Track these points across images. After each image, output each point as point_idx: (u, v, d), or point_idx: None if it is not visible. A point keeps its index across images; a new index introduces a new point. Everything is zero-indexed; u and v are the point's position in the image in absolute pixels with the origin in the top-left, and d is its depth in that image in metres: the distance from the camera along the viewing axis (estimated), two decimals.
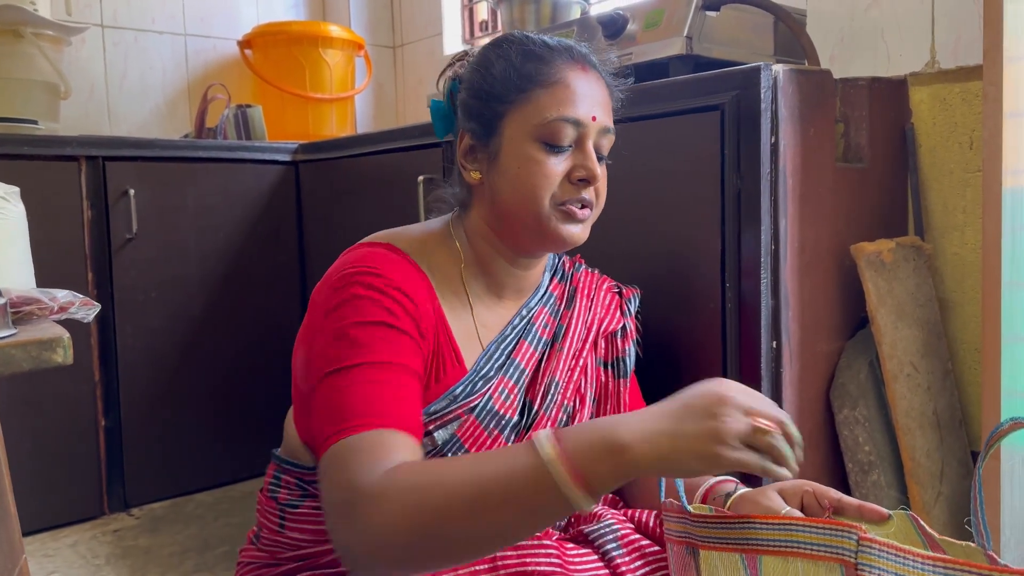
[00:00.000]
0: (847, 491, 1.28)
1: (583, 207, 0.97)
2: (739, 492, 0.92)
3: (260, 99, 2.69)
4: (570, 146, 0.97)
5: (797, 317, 1.24)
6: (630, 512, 1.03)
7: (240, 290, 2.27)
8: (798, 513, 0.84)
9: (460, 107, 1.04)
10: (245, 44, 2.71)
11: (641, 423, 0.71)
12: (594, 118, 0.97)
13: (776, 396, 1.22)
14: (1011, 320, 1.23)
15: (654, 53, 1.50)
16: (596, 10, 2.33)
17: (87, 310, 0.76)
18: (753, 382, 1.20)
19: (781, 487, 0.89)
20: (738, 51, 1.53)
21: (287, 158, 2.33)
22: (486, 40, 2.76)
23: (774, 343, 1.21)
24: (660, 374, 1.31)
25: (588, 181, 0.97)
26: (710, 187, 1.23)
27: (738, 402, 0.70)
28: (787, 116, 1.21)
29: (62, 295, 0.73)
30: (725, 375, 1.23)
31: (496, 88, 0.99)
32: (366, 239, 1.03)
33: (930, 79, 1.45)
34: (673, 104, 1.29)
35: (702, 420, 0.69)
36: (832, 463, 1.33)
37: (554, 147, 0.96)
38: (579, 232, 0.99)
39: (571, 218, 0.97)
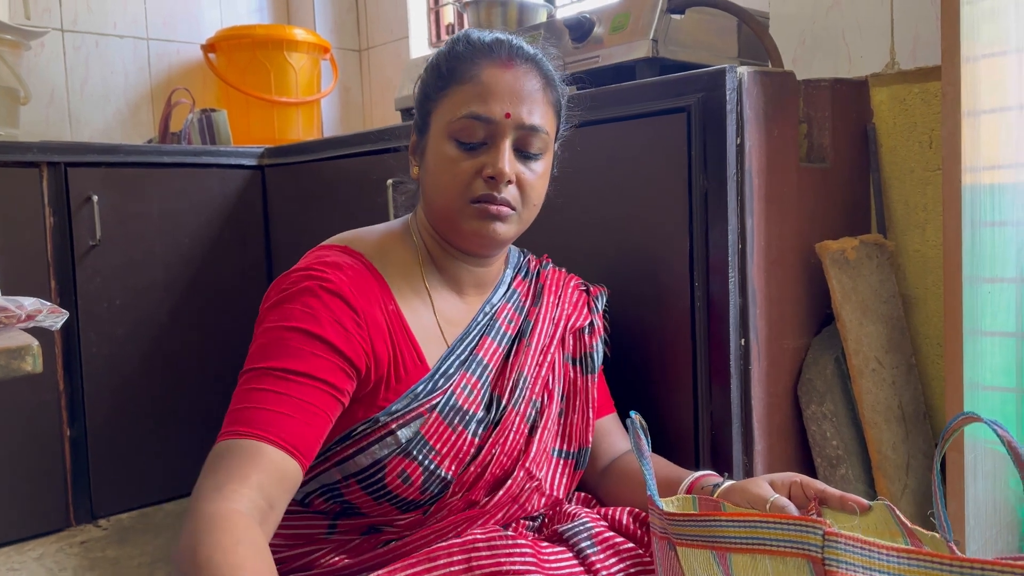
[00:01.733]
0: None
1: (503, 204, 0.97)
2: (727, 484, 0.94)
3: (225, 103, 2.67)
4: (484, 143, 0.97)
5: (764, 314, 1.26)
6: (604, 511, 1.04)
7: (207, 297, 2.24)
8: (787, 502, 0.85)
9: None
10: (209, 48, 2.69)
11: None
12: (508, 115, 0.96)
13: (745, 393, 1.23)
14: (972, 315, 1.25)
15: (621, 56, 1.52)
16: (563, 13, 2.35)
17: (55, 318, 0.75)
18: (722, 379, 1.22)
19: (771, 478, 0.90)
20: (703, 53, 1.55)
21: (253, 162, 2.31)
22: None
23: (742, 340, 1.23)
24: (631, 373, 1.32)
25: (496, 179, 0.96)
26: (678, 188, 1.25)
27: None
28: (752, 117, 1.23)
29: (29, 303, 0.72)
30: (695, 372, 1.24)
31: (427, 86, 1.03)
32: (327, 241, 1.05)
33: (890, 80, 1.48)
34: (640, 106, 1.30)
35: None
36: (800, 458, 1.35)
37: (465, 144, 0.97)
38: (498, 228, 0.98)
39: (486, 215, 0.97)
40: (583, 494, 1.14)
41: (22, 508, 1.97)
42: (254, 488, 0.78)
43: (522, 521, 1.04)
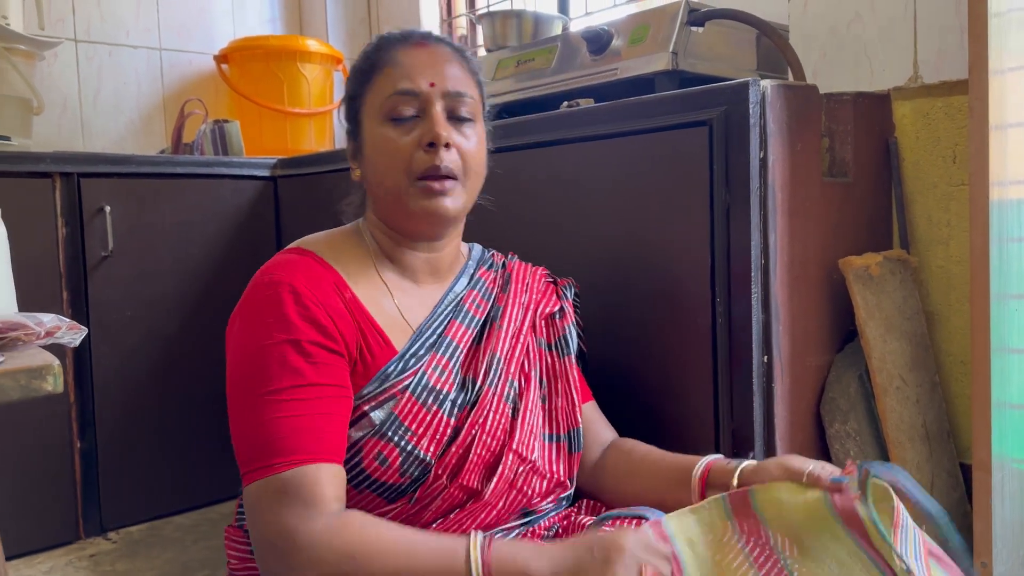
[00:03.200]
0: None
1: (444, 178, 1.00)
2: (744, 466, 0.94)
3: (237, 114, 2.66)
4: (416, 116, 1.01)
5: (787, 331, 1.24)
6: (615, 522, 1.02)
7: (218, 308, 2.21)
8: (829, 468, 0.87)
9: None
10: (222, 59, 2.68)
11: (551, 560, 0.82)
12: (432, 84, 1.01)
13: (767, 411, 1.21)
14: (999, 332, 1.23)
15: (639, 68, 1.50)
16: (577, 26, 2.34)
17: (73, 335, 0.73)
18: (745, 397, 1.20)
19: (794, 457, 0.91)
20: (722, 66, 1.54)
21: (265, 173, 2.30)
22: None
23: (765, 358, 1.21)
24: (650, 390, 1.30)
25: (435, 144, 0.99)
26: (698, 202, 1.23)
27: (633, 552, 0.80)
28: (775, 131, 1.21)
29: (48, 320, 0.71)
30: (716, 390, 1.22)
31: (352, 88, 1.08)
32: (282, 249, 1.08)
33: (913, 93, 1.46)
34: (660, 119, 1.29)
35: (601, 565, 0.80)
36: None
37: (398, 120, 1.01)
38: (446, 204, 1.01)
39: (431, 192, 1.00)
40: (592, 502, 1.13)
41: (32, 520, 1.96)
42: (332, 500, 0.86)
43: (537, 531, 1.03)
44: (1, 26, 2.05)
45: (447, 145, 0.99)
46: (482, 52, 2.20)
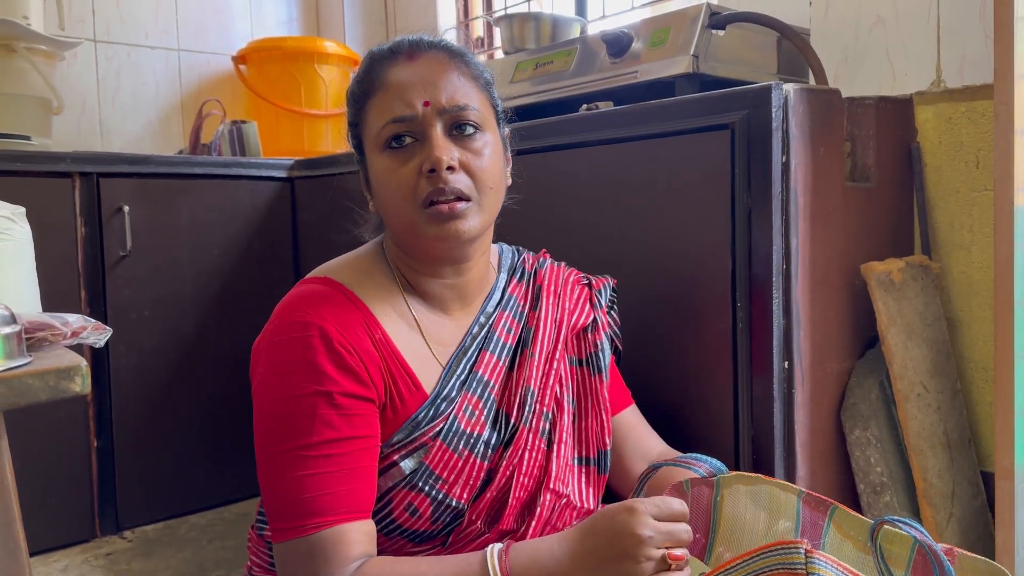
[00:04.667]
0: (859, 512, 1.27)
1: (456, 200, 0.92)
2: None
3: (254, 115, 2.67)
4: (415, 140, 0.94)
5: (808, 337, 1.23)
6: None
7: (235, 308, 2.24)
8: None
9: None
10: (239, 59, 2.69)
11: (572, 564, 0.81)
12: (427, 103, 0.93)
13: (788, 417, 1.20)
14: (1023, 338, 1.22)
15: (659, 72, 1.50)
16: (594, 28, 2.33)
17: (99, 335, 0.74)
18: (765, 403, 1.19)
19: None
20: (742, 69, 1.53)
21: (283, 174, 2.31)
22: (482, 57, 2.75)
23: (786, 363, 1.20)
24: (670, 395, 1.30)
25: (436, 169, 0.91)
26: (719, 205, 1.22)
27: (651, 539, 0.79)
28: (798, 135, 1.20)
29: (74, 320, 0.71)
30: (736, 396, 1.21)
31: (350, 115, 1.01)
32: (308, 275, 1.02)
33: (936, 98, 1.45)
34: (681, 123, 1.28)
35: (621, 561, 0.79)
36: (843, 484, 1.32)
37: (396, 150, 0.94)
38: (459, 227, 0.92)
39: (440, 217, 0.92)
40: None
41: (48, 518, 1.96)
42: (357, 557, 0.86)
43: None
44: (22, 26, 2.06)
45: (450, 168, 0.92)
46: (499, 54, 2.20)
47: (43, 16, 2.20)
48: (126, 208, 2.03)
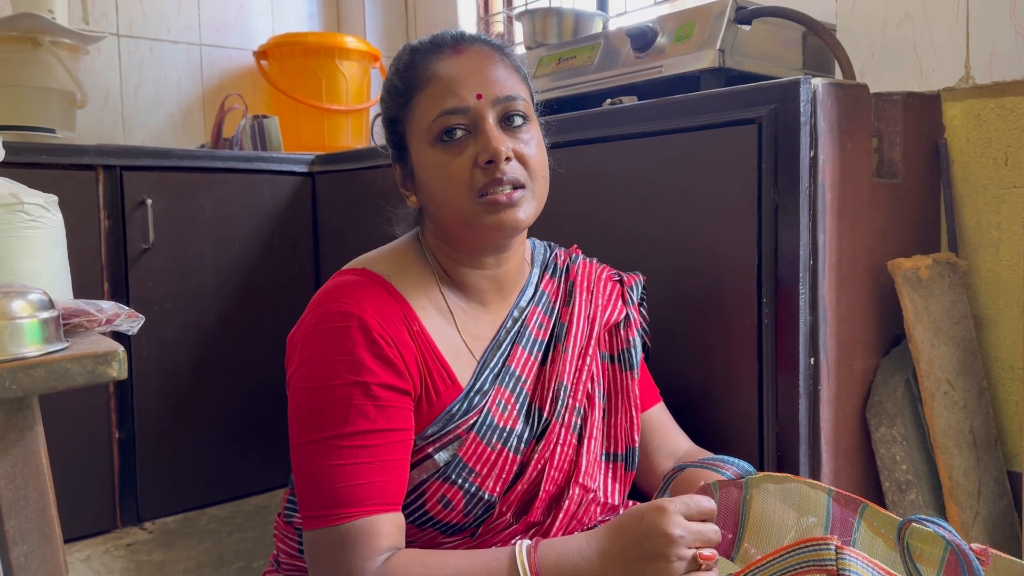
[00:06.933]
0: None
1: (513, 189, 0.93)
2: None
3: (276, 110, 2.68)
4: (468, 132, 0.94)
5: (835, 333, 1.22)
6: None
7: (256, 301, 2.24)
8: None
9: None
10: (261, 55, 2.70)
11: (602, 563, 0.82)
12: (480, 96, 0.93)
13: (813, 414, 1.20)
14: None
15: (685, 66, 1.49)
16: (615, 24, 2.33)
17: (131, 322, 0.74)
18: (790, 399, 1.18)
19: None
20: (768, 64, 1.52)
21: (304, 169, 2.31)
22: None
23: (812, 360, 1.20)
24: (694, 391, 1.29)
25: (494, 161, 0.92)
26: (746, 201, 1.22)
27: (683, 539, 0.80)
28: (826, 130, 1.19)
29: (108, 307, 0.72)
30: (761, 392, 1.21)
31: (391, 111, 1.00)
32: (345, 266, 1.01)
33: (964, 94, 1.44)
34: (708, 117, 1.27)
35: (653, 561, 0.80)
36: (868, 482, 1.31)
37: (450, 143, 0.94)
38: (517, 215, 0.94)
39: (497, 207, 0.92)
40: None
41: (70, 509, 1.98)
42: (386, 549, 0.86)
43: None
44: (48, 20, 2.07)
45: (507, 159, 0.92)
46: (521, 50, 2.20)
47: (68, 10, 2.22)
48: (149, 201, 2.04)
